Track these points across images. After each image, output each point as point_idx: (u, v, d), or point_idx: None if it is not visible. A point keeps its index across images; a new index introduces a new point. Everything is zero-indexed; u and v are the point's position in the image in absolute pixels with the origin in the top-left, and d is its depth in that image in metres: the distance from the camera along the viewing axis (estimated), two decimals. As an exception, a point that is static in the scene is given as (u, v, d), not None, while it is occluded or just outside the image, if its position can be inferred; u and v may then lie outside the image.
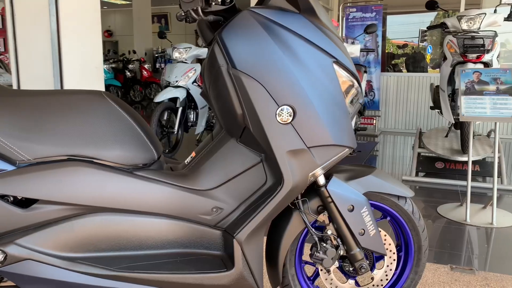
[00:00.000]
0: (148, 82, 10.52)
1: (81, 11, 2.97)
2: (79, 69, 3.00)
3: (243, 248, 1.32)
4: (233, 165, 1.40)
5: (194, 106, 4.71)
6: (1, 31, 7.55)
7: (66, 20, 2.86)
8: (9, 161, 1.23)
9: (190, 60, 4.66)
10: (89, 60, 3.08)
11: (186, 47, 4.60)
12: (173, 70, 4.51)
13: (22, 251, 1.23)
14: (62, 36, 2.85)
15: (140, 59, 10.63)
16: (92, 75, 3.11)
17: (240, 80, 1.25)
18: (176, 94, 4.40)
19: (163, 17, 13.69)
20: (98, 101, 1.33)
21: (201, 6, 1.22)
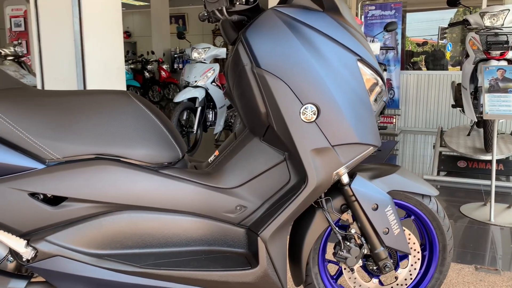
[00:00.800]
0: (166, 82, 10.61)
1: (103, 12, 3.02)
2: (101, 70, 3.04)
3: (268, 246, 1.33)
4: (257, 163, 1.41)
5: (212, 105, 4.73)
6: (23, 34, 7.70)
7: (89, 22, 2.91)
8: (39, 160, 1.26)
9: (209, 60, 4.68)
10: (111, 61, 3.12)
11: (204, 47, 4.63)
12: (192, 70, 4.55)
13: (52, 248, 1.25)
14: (84, 37, 2.90)
15: (158, 59, 10.73)
16: (114, 76, 3.15)
17: (264, 79, 1.26)
18: (195, 94, 4.43)
19: (181, 18, 13.79)
20: (124, 101, 1.35)
21: (225, 6, 1.23)
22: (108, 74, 3.11)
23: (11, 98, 1.27)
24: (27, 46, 7.48)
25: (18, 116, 1.23)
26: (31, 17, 3.06)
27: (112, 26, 3.09)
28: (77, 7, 2.81)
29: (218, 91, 4.67)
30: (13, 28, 7.71)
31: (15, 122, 1.22)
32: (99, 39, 3.00)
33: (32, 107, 1.27)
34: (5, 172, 1.23)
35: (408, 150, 5.31)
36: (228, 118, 4.96)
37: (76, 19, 2.82)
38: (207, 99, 4.63)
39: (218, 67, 4.67)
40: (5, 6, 7.60)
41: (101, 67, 3.04)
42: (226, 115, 4.90)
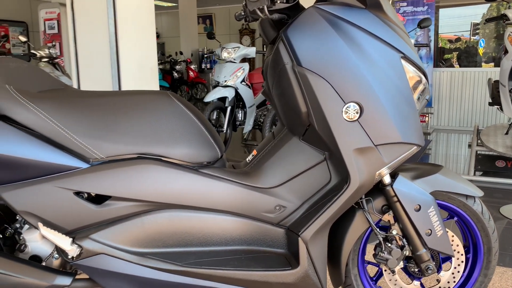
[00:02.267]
0: (194, 82, 10.71)
1: (137, 14, 3.06)
2: (135, 70, 3.09)
3: (308, 246, 1.32)
4: (296, 163, 1.40)
5: (242, 105, 4.74)
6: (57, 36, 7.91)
7: (123, 23, 2.96)
8: (83, 159, 1.28)
9: (239, 60, 4.69)
10: (145, 61, 3.17)
11: (234, 47, 4.64)
12: (222, 70, 4.56)
13: (96, 246, 1.28)
14: (119, 38, 2.94)
15: (186, 60, 10.83)
16: (148, 76, 3.20)
17: (306, 78, 1.24)
18: (225, 93, 4.44)
19: (208, 18, 13.88)
20: (165, 101, 1.36)
21: (267, 4, 1.22)
22: (141, 74, 3.15)
23: (56, 98, 1.30)
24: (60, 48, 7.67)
25: (63, 116, 1.26)
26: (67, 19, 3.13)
27: (145, 27, 3.14)
28: (112, 9, 2.86)
29: (247, 91, 4.67)
30: (47, 30, 7.92)
31: (61, 122, 1.25)
32: (133, 40, 3.05)
33: (76, 107, 1.30)
34: (51, 171, 1.26)
35: (442, 149, 5.18)
36: (257, 117, 4.96)
37: (111, 21, 2.88)
38: (236, 98, 4.64)
39: (247, 66, 4.68)
40: (40, 10, 7.82)
41: (135, 67, 3.08)
42: (255, 115, 4.90)
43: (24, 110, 1.22)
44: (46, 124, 1.24)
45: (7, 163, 1.21)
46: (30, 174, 1.24)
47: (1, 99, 1.22)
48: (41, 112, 1.24)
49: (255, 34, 13.05)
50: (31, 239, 1.36)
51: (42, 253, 1.37)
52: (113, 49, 2.91)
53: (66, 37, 7.63)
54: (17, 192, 1.24)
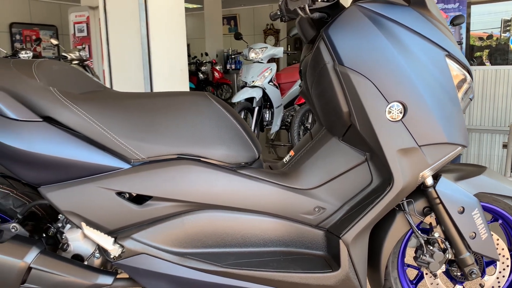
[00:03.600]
0: (219, 83, 10.76)
1: (168, 16, 3.09)
2: (166, 71, 3.12)
3: (349, 249, 1.30)
4: (336, 164, 1.38)
5: (269, 105, 4.73)
6: (86, 39, 8.08)
7: (155, 25, 2.99)
8: (125, 160, 1.30)
9: (266, 60, 4.68)
10: (175, 63, 3.19)
11: (262, 47, 4.64)
12: (250, 71, 4.57)
13: (137, 246, 1.29)
14: (151, 40, 2.98)
15: (211, 61, 10.90)
16: (178, 77, 3.23)
17: (348, 77, 1.22)
18: (252, 94, 4.45)
19: (232, 19, 13.94)
20: (204, 102, 1.36)
21: (308, 3, 1.21)
22: (172, 75, 3.18)
23: (98, 100, 1.31)
24: (90, 50, 7.83)
25: (105, 117, 1.28)
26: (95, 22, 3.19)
27: (176, 29, 3.16)
28: (144, 12, 2.90)
29: (275, 91, 4.66)
30: (76, 33, 8.11)
31: (103, 123, 1.27)
32: (164, 42, 3.08)
33: (117, 108, 1.31)
34: (94, 172, 1.28)
35: (473, 149, 5.05)
36: (284, 117, 4.95)
37: (143, 23, 2.91)
38: (264, 98, 4.63)
39: (275, 66, 4.67)
40: (70, 13, 8.01)
41: (166, 69, 3.11)
42: (282, 115, 4.89)
43: (68, 112, 1.24)
44: (89, 125, 1.26)
45: (52, 164, 1.24)
46: (73, 174, 1.27)
47: (46, 101, 1.24)
48: (84, 113, 1.26)
49: (279, 34, 13.03)
50: (73, 239, 1.38)
51: (84, 252, 1.39)
52: (145, 51, 2.95)
53: (95, 40, 7.79)
54: (61, 192, 1.27)
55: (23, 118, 1.21)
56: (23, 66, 1.32)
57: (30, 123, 1.21)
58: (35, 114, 1.22)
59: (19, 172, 1.25)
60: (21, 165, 1.23)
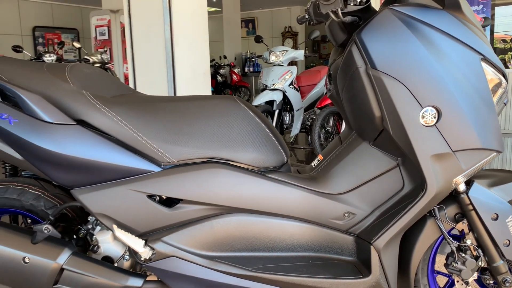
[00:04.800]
0: (237, 86, 10.78)
1: (191, 20, 3.11)
2: (189, 75, 3.14)
3: (381, 255, 1.28)
4: (366, 169, 1.36)
5: (289, 108, 4.72)
6: (107, 42, 8.19)
7: (178, 29, 3.01)
8: (155, 163, 1.31)
9: (286, 63, 4.68)
10: (198, 66, 3.21)
11: (282, 50, 4.64)
12: (270, 73, 4.56)
13: (168, 248, 1.29)
14: (174, 44, 3.00)
15: (230, 63, 10.93)
16: (201, 81, 3.24)
17: (381, 81, 1.21)
18: (273, 97, 4.44)
19: (251, 22, 13.97)
20: (232, 105, 1.36)
21: (340, 7, 1.20)
22: (195, 79, 3.20)
23: (129, 103, 1.33)
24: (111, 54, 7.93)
25: (136, 120, 1.29)
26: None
27: (199, 33, 3.18)
28: (168, 16, 2.92)
29: (295, 94, 4.65)
30: (98, 37, 8.23)
31: (135, 126, 1.28)
32: (188, 46, 3.10)
33: (148, 112, 1.32)
34: (125, 175, 1.29)
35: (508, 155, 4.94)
36: (304, 120, 4.93)
37: (167, 27, 2.94)
38: (284, 101, 4.63)
39: (295, 69, 4.66)
40: (91, 17, 8.14)
41: (189, 72, 3.13)
42: (302, 118, 4.87)
43: (100, 115, 1.26)
44: (121, 128, 1.27)
45: (84, 166, 1.25)
46: (105, 177, 1.28)
47: (79, 104, 1.26)
48: (116, 116, 1.27)
49: (297, 36, 13.01)
50: (103, 240, 1.40)
51: (114, 254, 1.40)
52: (168, 54, 2.97)
53: (115, 43, 7.90)
54: (93, 194, 1.28)
55: (58, 121, 1.23)
56: (56, 70, 1.34)
57: (64, 126, 1.23)
58: (68, 117, 1.24)
59: (53, 174, 1.27)
60: (55, 167, 1.25)
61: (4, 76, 1.26)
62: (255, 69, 11.38)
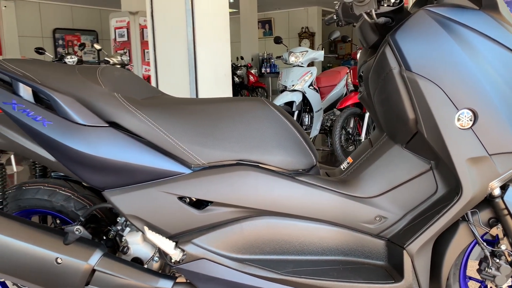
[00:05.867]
0: (254, 86, 10.78)
1: (214, 21, 3.12)
2: (211, 76, 3.15)
3: (414, 260, 1.26)
4: (398, 172, 1.34)
5: (309, 109, 4.70)
6: (126, 43, 8.27)
7: (201, 31, 3.02)
8: (185, 165, 1.31)
9: (306, 64, 4.66)
10: (220, 68, 3.22)
11: (302, 51, 4.62)
12: (290, 75, 4.55)
13: (198, 251, 1.29)
14: (197, 45, 3.01)
15: (247, 64, 10.94)
16: (222, 82, 3.25)
17: (416, 83, 1.19)
18: (292, 98, 4.43)
19: (267, 22, 13.97)
20: (261, 107, 1.36)
21: (374, 8, 1.18)
22: (216, 80, 3.21)
23: (159, 105, 1.33)
24: (130, 55, 8.01)
25: (167, 123, 1.29)
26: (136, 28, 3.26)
27: (220, 35, 3.19)
28: (190, 17, 2.94)
29: (315, 95, 4.63)
30: (117, 38, 8.32)
31: (165, 128, 1.28)
32: (210, 47, 3.11)
33: (178, 114, 1.32)
34: (156, 176, 1.29)
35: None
36: (324, 122, 4.90)
37: (189, 29, 2.95)
38: (303, 102, 4.61)
39: (315, 70, 4.64)
40: (111, 19, 8.23)
41: (211, 74, 3.14)
42: (322, 119, 4.85)
43: (132, 117, 1.27)
44: (152, 130, 1.27)
45: (116, 168, 1.26)
46: (136, 178, 1.28)
47: (111, 107, 1.27)
48: (147, 118, 1.28)
49: (314, 37, 12.97)
50: (133, 242, 1.40)
51: (143, 256, 1.41)
52: (191, 56, 2.98)
53: (134, 44, 7.97)
54: (124, 196, 1.29)
55: (91, 124, 1.24)
56: (88, 72, 1.36)
57: (97, 128, 1.24)
58: (101, 119, 1.25)
59: (85, 176, 1.28)
60: (87, 169, 1.26)
61: (37, 78, 1.27)
62: (271, 70, 11.36)
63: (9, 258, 1.28)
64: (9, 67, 1.29)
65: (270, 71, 11.37)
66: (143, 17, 7.82)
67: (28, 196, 1.49)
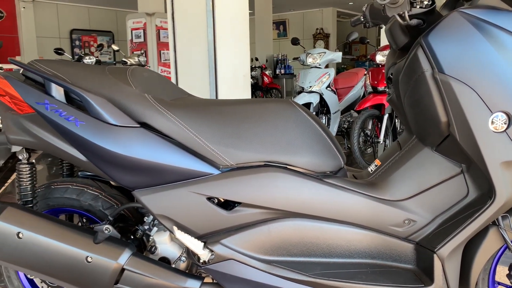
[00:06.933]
0: (269, 88, 10.78)
1: (234, 22, 3.13)
2: (230, 77, 3.16)
3: (444, 264, 1.25)
4: (428, 175, 1.33)
5: (326, 110, 4.68)
6: (142, 44, 8.34)
7: (221, 32, 3.03)
8: (214, 166, 1.31)
9: (324, 65, 4.64)
10: (239, 69, 3.23)
11: (320, 52, 4.61)
12: (307, 76, 4.54)
13: (226, 251, 1.30)
14: (217, 46, 3.02)
15: (261, 65, 10.95)
16: (241, 83, 3.26)
17: (449, 86, 1.18)
18: (310, 99, 4.42)
19: (282, 24, 13.98)
20: (288, 109, 1.35)
21: (407, 10, 1.18)
22: (236, 81, 3.22)
23: (188, 107, 1.34)
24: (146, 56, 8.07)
25: (196, 123, 1.30)
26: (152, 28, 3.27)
27: (240, 35, 3.20)
28: (211, 19, 2.95)
29: (333, 96, 4.61)
30: (134, 39, 8.40)
31: (195, 129, 1.29)
32: (230, 48, 3.12)
33: (206, 115, 1.33)
34: (185, 177, 1.30)
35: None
36: (341, 123, 4.88)
37: (210, 29, 2.96)
38: (321, 104, 4.59)
39: (333, 71, 4.62)
40: (127, 20, 8.31)
41: (230, 74, 3.15)
42: (339, 121, 4.82)
43: (163, 118, 1.28)
44: (181, 131, 1.28)
45: (147, 168, 1.27)
46: (166, 179, 1.29)
47: (142, 107, 1.28)
48: (177, 119, 1.28)
49: (329, 38, 12.93)
50: (160, 241, 1.42)
51: (171, 256, 1.42)
52: (211, 57, 3.00)
53: (151, 45, 8.04)
54: (154, 196, 1.30)
55: (122, 124, 1.25)
56: (118, 73, 1.37)
57: (128, 128, 1.25)
58: (132, 120, 1.26)
59: (116, 176, 1.29)
60: (118, 168, 1.27)
61: (69, 79, 1.29)
62: (286, 71, 11.35)
63: (41, 256, 1.30)
64: (41, 68, 1.31)
65: (285, 72, 11.35)
66: (160, 18, 7.89)
67: (57, 195, 1.51)
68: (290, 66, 11.31)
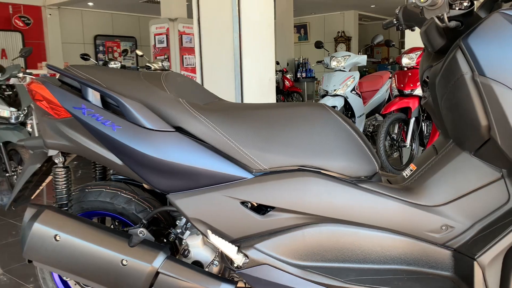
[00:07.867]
0: (290, 91, 10.77)
1: (259, 27, 3.14)
2: (255, 82, 3.16)
3: (485, 272, 1.21)
4: (466, 180, 1.30)
5: (351, 114, 4.64)
6: (165, 49, 8.44)
7: (247, 37, 3.04)
8: (247, 170, 1.31)
9: (348, 68, 4.61)
10: (264, 73, 3.23)
11: (344, 55, 4.58)
12: (331, 79, 4.52)
13: (260, 256, 1.29)
14: (243, 52, 3.03)
15: (282, 69, 10.94)
16: (266, 87, 3.26)
17: (490, 88, 1.15)
18: (334, 102, 4.39)
19: (303, 27, 13.95)
20: (322, 113, 1.34)
21: (446, 12, 1.15)
22: (261, 85, 3.22)
23: (220, 111, 1.34)
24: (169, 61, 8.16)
25: (229, 128, 1.30)
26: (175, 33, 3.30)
27: (266, 41, 3.20)
28: (237, 24, 2.96)
29: (357, 100, 4.57)
30: (157, 44, 8.50)
31: (228, 133, 1.29)
32: (255, 53, 3.13)
33: (239, 119, 1.33)
34: (219, 181, 1.30)
35: None
36: (366, 127, 4.83)
37: (236, 35, 2.97)
38: (345, 107, 4.56)
39: (358, 74, 4.58)
40: (150, 25, 8.43)
41: (256, 79, 3.16)
42: (364, 124, 4.78)
43: (197, 122, 1.28)
44: (215, 135, 1.28)
45: (182, 172, 1.28)
46: (200, 182, 1.30)
47: (177, 112, 1.29)
48: (211, 124, 1.29)
49: (351, 41, 12.84)
50: (193, 245, 1.42)
51: (204, 259, 1.42)
52: (237, 62, 3.01)
53: (173, 50, 8.12)
54: (188, 199, 1.30)
55: (158, 128, 1.26)
56: (153, 78, 1.38)
57: (164, 133, 1.26)
58: (168, 124, 1.27)
59: (151, 179, 1.30)
60: (154, 172, 1.28)
61: (105, 84, 1.31)
62: (307, 75, 11.32)
63: (77, 258, 1.32)
64: (78, 73, 1.33)
65: (306, 76, 11.33)
66: (182, 24, 7.97)
67: (91, 198, 1.54)
68: (311, 69, 11.27)
